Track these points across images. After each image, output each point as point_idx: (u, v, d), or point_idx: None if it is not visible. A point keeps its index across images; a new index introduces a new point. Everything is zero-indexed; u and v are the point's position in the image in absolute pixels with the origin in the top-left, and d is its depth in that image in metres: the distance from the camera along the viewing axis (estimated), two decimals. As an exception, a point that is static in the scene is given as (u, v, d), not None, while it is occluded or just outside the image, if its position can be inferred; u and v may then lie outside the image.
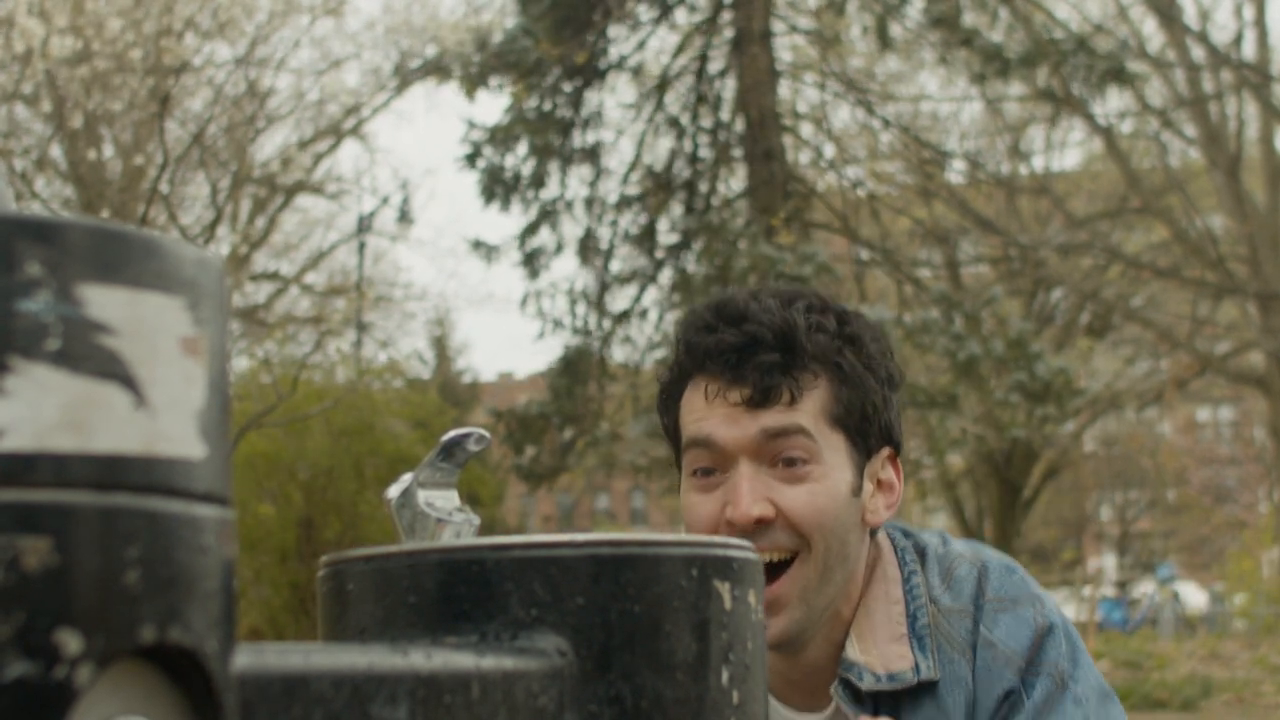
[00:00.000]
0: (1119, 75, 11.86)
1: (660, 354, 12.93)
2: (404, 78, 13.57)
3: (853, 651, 1.48)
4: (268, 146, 13.63)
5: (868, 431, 1.47)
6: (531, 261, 13.43)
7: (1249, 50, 16.47)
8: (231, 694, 0.55)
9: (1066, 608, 18.30)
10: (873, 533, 1.53)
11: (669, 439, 1.54)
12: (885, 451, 1.50)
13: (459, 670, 0.67)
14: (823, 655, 1.50)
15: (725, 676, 0.75)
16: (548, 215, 13.37)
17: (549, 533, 1.33)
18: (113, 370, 0.51)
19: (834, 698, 1.49)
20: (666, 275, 13.30)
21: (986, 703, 1.47)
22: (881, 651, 1.47)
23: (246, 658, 0.57)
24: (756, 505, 1.41)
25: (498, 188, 13.16)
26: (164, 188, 10.12)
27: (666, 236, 13.38)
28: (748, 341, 1.43)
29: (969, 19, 12.37)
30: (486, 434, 1.32)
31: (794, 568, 1.43)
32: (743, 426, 1.42)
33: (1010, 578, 1.53)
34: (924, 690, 1.47)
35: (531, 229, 13.39)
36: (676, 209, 13.42)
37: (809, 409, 1.43)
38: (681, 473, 1.49)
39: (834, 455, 1.44)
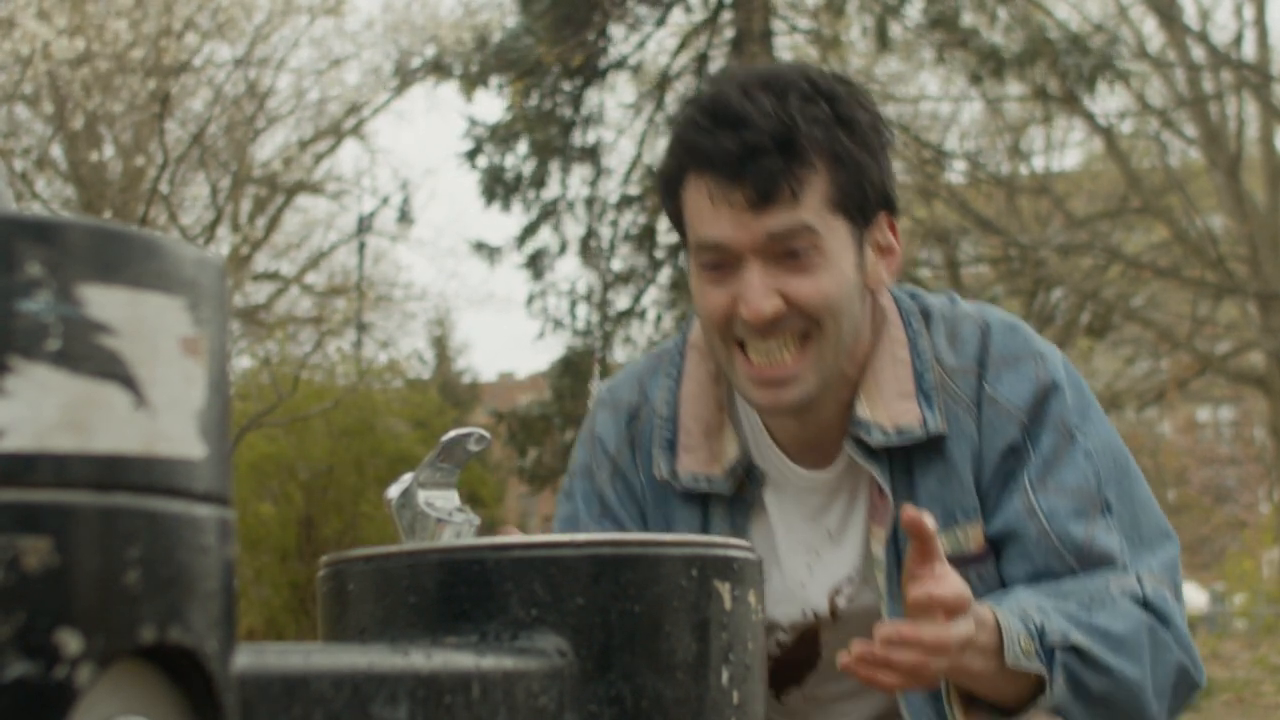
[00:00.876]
0: (1109, 70, 11.85)
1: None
2: (404, 77, 13.56)
3: (862, 410, 1.53)
4: (268, 146, 13.62)
5: (866, 207, 1.51)
6: (535, 262, 13.42)
7: (1249, 50, 16.46)
8: (232, 694, 0.55)
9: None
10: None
11: (673, 223, 1.58)
12: (883, 218, 1.54)
13: (459, 670, 0.67)
14: (831, 415, 1.56)
15: (725, 676, 0.75)
16: (548, 215, 13.36)
17: (549, 533, 1.33)
18: (113, 370, 0.51)
19: (844, 453, 1.55)
20: (666, 275, 13.29)
21: (991, 456, 1.52)
22: (890, 409, 1.53)
23: (247, 658, 0.57)
24: (768, 302, 1.45)
25: (499, 188, 13.15)
26: (164, 188, 10.12)
27: (666, 236, 13.36)
28: (747, 148, 1.45)
29: (968, 19, 12.36)
30: (486, 434, 1.32)
31: (808, 349, 1.48)
32: (749, 228, 1.46)
33: (1014, 335, 1.57)
34: (932, 445, 1.53)
35: (531, 229, 13.37)
36: (677, 209, 13.37)
37: (811, 203, 1.46)
38: (690, 258, 1.54)
39: (837, 239, 1.48)
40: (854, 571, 1.58)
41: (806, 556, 1.59)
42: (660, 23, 13.42)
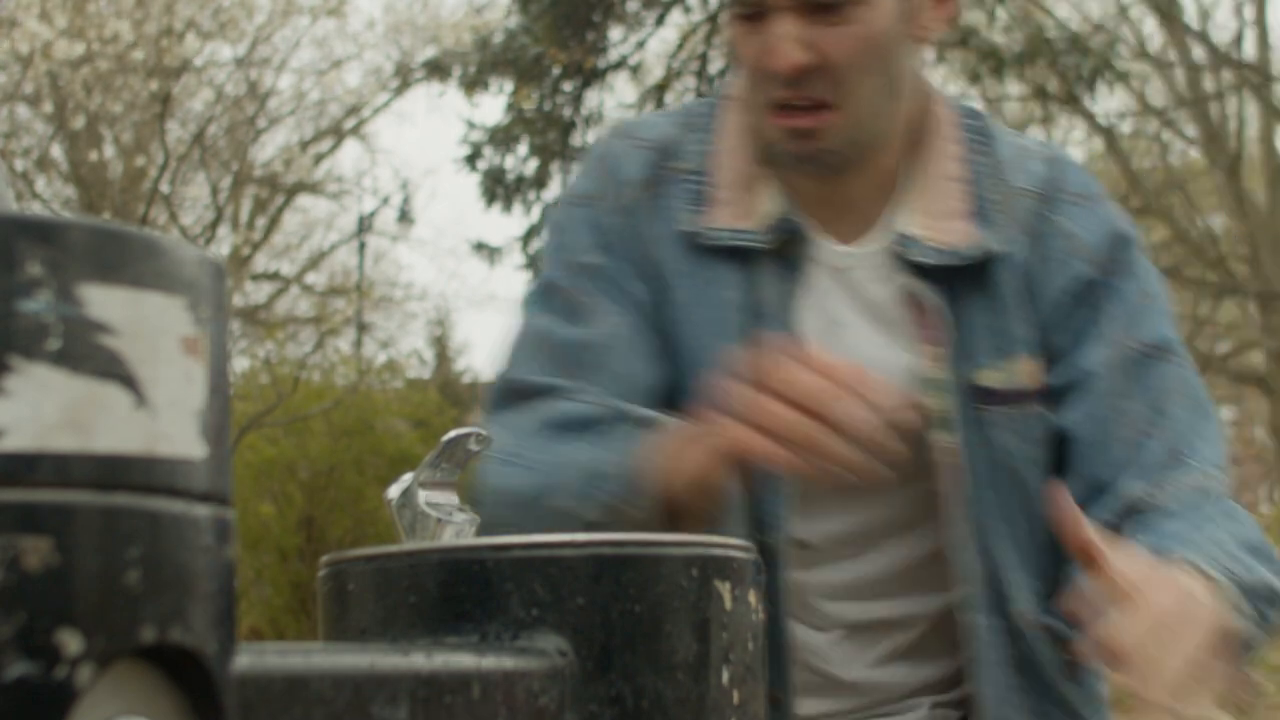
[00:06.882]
0: (1109, 71, 11.86)
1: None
2: (405, 78, 13.58)
3: (908, 224, 1.38)
4: (269, 147, 13.62)
5: None
6: (534, 263, 13.42)
7: (1249, 50, 16.46)
8: (232, 694, 0.55)
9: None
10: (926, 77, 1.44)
11: None
12: None
13: (459, 670, 0.67)
14: (861, 192, 1.41)
15: (726, 676, 0.75)
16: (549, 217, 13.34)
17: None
18: (113, 370, 0.51)
19: (875, 237, 1.40)
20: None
21: (1052, 294, 1.37)
22: (937, 226, 1.37)
23: (247, 658, 0.57)
24: (795, 51, 1.31)
25: (499, 190, 13.15)
26: (165, 188, 10.13)
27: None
28: None
29: (967, 18, 12.36)
30: (486, 434, 1.32)
31: (835, 112, 1.33)
32: None
33: (1088, 175, 1.44)
34: (977, 270, 1.37)
35: (534, 231, 13.37)
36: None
37: None
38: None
39: None
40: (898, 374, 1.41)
41: (856, 337, 1.43)
42: (660, 23, 13.42)
